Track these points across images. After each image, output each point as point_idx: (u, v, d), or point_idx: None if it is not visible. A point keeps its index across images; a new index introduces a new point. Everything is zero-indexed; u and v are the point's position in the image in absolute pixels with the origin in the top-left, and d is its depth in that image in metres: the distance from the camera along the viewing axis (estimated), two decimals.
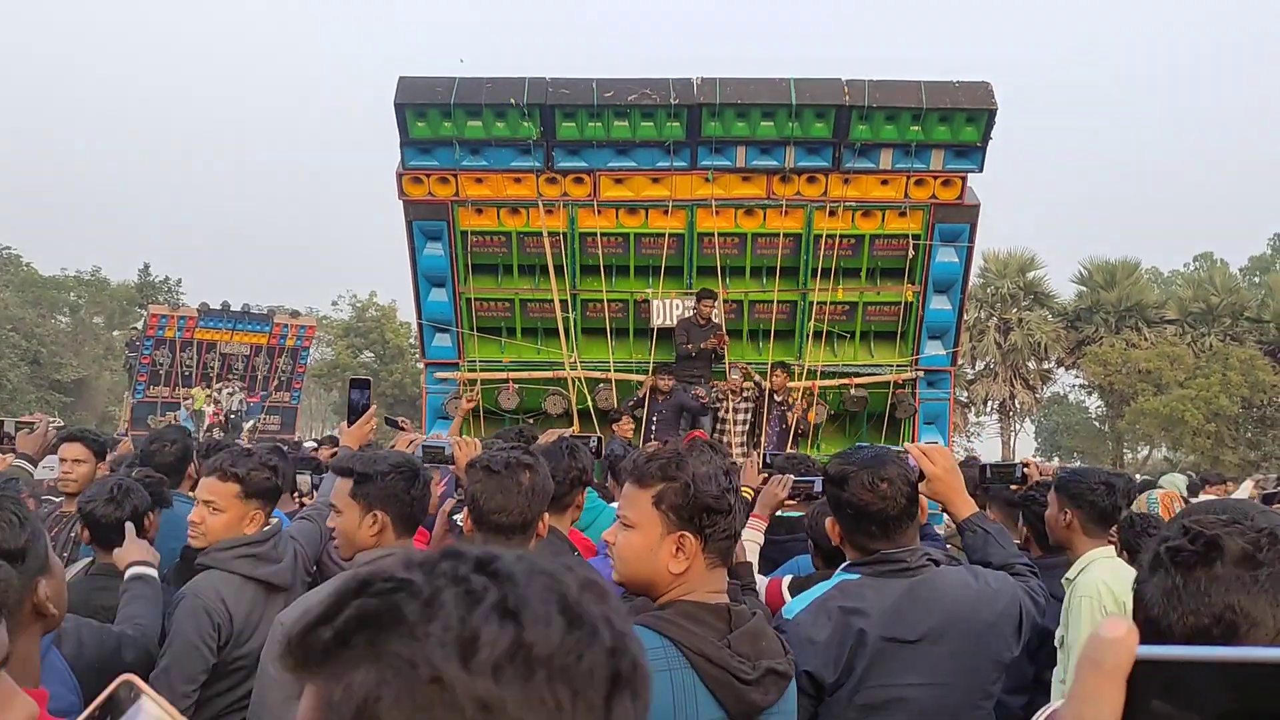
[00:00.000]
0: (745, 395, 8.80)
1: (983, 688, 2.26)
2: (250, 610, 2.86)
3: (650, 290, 8.86)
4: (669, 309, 8.78)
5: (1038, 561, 3.58)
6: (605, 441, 5.32)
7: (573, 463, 3.15)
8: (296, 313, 25.21)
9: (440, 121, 8.08)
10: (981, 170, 8.39)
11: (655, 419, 8.43)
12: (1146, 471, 24.57)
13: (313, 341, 27.82)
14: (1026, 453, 33.15)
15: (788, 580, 3.16)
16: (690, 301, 8.65)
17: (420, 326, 9.05)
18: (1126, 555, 3.31)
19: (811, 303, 8.69)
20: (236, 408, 20.80)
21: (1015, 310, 31.58)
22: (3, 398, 33.91)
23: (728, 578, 1.94)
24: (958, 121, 8.10)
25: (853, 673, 2.16)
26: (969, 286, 9.48)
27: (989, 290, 31.66)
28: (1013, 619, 2.28)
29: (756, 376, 8.71)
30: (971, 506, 2.51)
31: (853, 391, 8.79)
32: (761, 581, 3.14)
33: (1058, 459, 34.35)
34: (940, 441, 8.46)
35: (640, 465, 1.89)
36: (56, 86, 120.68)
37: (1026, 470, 4.29)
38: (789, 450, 7.40)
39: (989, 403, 32.53)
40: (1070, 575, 3.06)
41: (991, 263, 31.81)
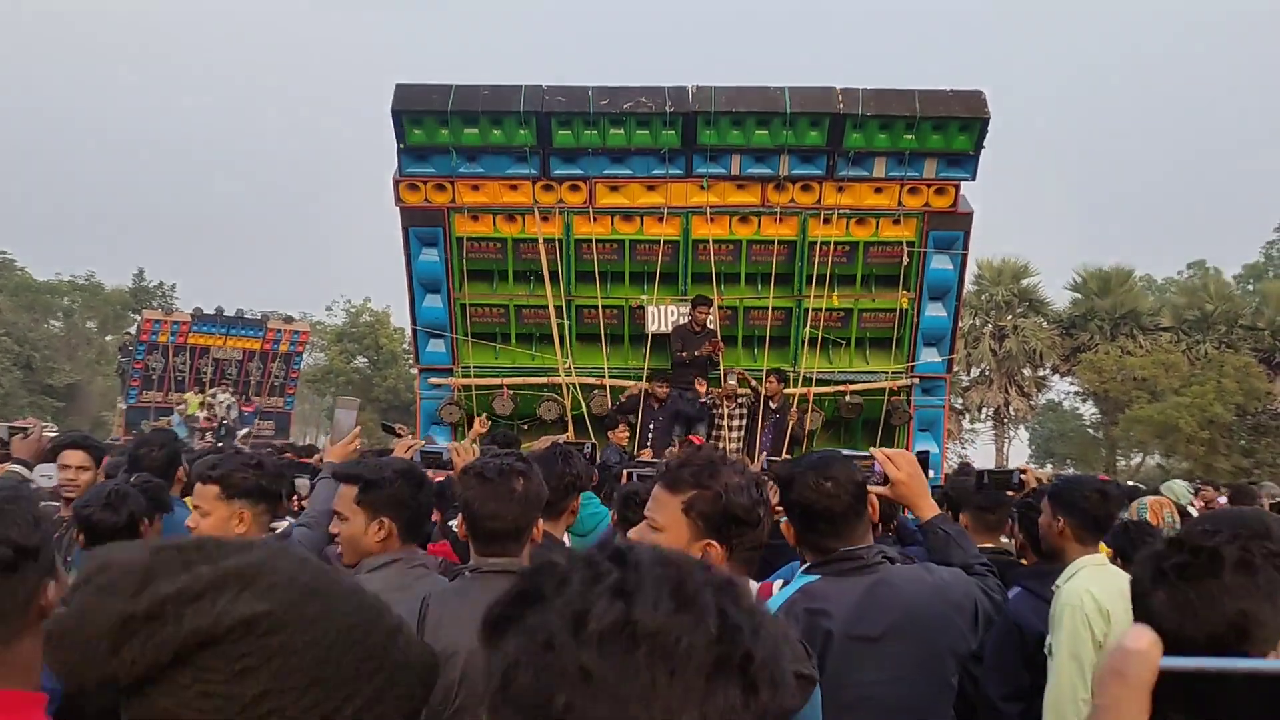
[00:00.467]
0: (740, 401, 8.82)
1: (944, 679, 2.30)
2: None
3: (645, 296, 8.88)
4: (664, 315, 8.79)
5: (1032, 569, 3.61)
6: (600, 449, 5.35)
7: (566, 469, 3.17)
8: (290, 318, 25.05)
9: (437, 128, 8.11)
10: (975, 178, 8.44)
11: (651, 426, 8.43)
12: (1140, 479, 24.59)
13: (306, 347, 27.75)
14: (1020, 459, 33.16)
15: (778, 585, 3.17)
16: (685, 308, 8.66)
17: (415, 332, 9.06)
18: (1120, 562, 3.32)
19: (806, 309, 8.71)
20: (234, 416, 20.72)
21: (1010, 317, 31.60)
22: None
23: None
24: (951, 130, 8.15)
25: (823, 674, 2.18)
26: (964, 293, 9.51)
27: (984, 297, 31.69)
28: (967, 611, 2.31)
29: (753, 382, 8.73)
30: (934, 509, 2.57)
31: (848, 398, 8.81)
32: (753, 586, 3.15)
33: (1050, 465, 34.37)
34: (934, 448, 8.48)
35: (673, 470, 1.89)
36: (50, 92, 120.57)
37: (1023, 477, 4.32)
38: (784, 456, 7.41)
39: (984, 409, 32.53)
40: (1059, 582, 3.07)
41: (986, 270, 31.84)
